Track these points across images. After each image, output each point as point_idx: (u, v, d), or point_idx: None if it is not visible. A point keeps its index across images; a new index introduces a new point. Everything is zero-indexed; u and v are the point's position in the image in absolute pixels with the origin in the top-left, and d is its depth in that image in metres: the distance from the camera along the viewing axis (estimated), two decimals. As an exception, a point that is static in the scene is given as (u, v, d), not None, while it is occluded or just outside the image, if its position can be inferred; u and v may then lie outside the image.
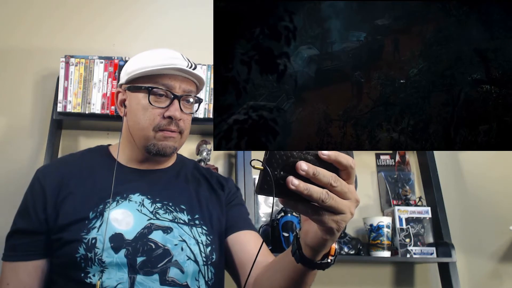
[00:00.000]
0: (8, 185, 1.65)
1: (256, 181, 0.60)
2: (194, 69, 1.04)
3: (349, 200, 0.61)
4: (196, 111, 1.11)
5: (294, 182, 0.57)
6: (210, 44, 1.02)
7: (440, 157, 1.95)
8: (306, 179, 0.58)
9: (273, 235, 1.63)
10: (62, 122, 1.71)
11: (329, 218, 0.60)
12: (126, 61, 1.67)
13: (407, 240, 1.72)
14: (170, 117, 1.01)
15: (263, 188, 0.58)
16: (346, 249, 1.70)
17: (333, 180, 0.59)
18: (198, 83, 1.09)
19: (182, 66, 1.02)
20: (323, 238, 0.64)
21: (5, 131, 1.75)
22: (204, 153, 1.71)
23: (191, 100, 1.06)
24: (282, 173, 0.58)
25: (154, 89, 1.02)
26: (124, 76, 1.08)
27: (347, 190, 0.60)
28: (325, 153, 0.59)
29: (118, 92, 1.10)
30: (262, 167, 0.58)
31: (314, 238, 0.66)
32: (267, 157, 0.58)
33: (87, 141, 1.78)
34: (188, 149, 1.78)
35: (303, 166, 0.57)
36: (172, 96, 1.02)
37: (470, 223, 1.93)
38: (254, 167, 0.58)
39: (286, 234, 1.60)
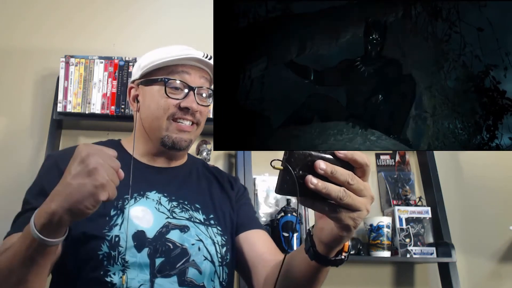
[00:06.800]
0: (8, 185, 1.65)
1: (256, 181, 0.60)
2: (209, 59, 1.04)
3: (365, 197, 0.62)
4: (211, 103, 1.10)
5: (313, 181, 0.59)
6: (210, 44, 1.02)
7: (440, 157, 1.95)
8: (324, 177, 0.59)
9: (273, 235, 1.63)
10: (62, 122, 1.71)
11: (346, 216, 0.62)
12: (126, 61, 1.67)
13: (407, 240, 1.72)
14: (186, 108, 1.01)
15: (283, 187, 0.59)
16: (346, 249, 1.70)
17: (350, 178, 0.60)
18: (212, 75, 1.09)
19: (199, 56, 1.02)
20: (339, 235, 0.65)
21: (5, 131, 1.75)
22: (204, 153, 1.71)
23: (204, 94, 1.06)
24: (300, 172, 0.59)
25: (170, 81, 1.01)
26: (137, 72, 1.07)
27: (363, 188, 0.62)
28: (341, 151, 0.61)
29: (130, 88, 1.10)
30: (282, 167, 0.59)
31: (330, 235, 0.66)
32: (286, 156, 0.59)
33: (87, 141, 1.77)
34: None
35: (322, 165, 0.59)
36: (188, 88, 1.02)
37: (470, 223, 1.93)
38: (274, 167, 0.59)
39: (286, 234, 1.60)
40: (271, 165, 0.59)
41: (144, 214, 0.95)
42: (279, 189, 0.60)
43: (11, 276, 0.74)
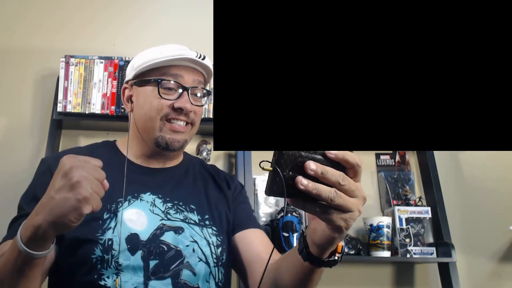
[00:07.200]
0: (7, 185, 1.65)
1: (256, 181, 0.60)
2: (203, 59, 1.04)
3: (356, 198, 0.61)
4: (206, 103, 1.10)
5: (303, 182, 0.58)
6: (210, 44, 1.02)
7: (440, 157, 1.95)
8: (314, 178, 0.58)
9: (273, 235, 1.63)
10: (62, 122, 1.71)
11: (337, 217, 0.61)
12: (126, 61, 1.67)
13: (407, 240, 1.72)
14: (180, 109, 1.01)
15: (273, 189, 0.58)
16: (346, 249, 1.70)
17: (341, 179, 0.59)
18: (206, 75, 1.09)
19: (192, 56, 1.02)
20: (331, 236, 0.64)
21: (5, 131, 1.75)
22: (204, 153, 1.72)
23: (199, 94, 1.06)
24: (290, 173, 0.58)
25: (164, 81, 1.01)
26: (130, 72, 1.07)
27: (355, 188, 0.61)
28: (332, 152, 0.60)
29: (124, 88, 1.10)
30: (271, 168, 0.58)
31: (322, 236, 0.66)
32: (275, 157, 0.58)
33: (87, 141, 1.77)
34: (188, 149, 1.77)
35: (312, 165, 0.58)
36: (182, 88, 1.02)
37: (470, 223, 1.93)
38: (263, 169, 0.58)
39: (286, 234, 1.60)
40: (260, 166, 0.58)
41: (138, 217, 0.95)
42: (269, 191, 0.59)
43: (2, 285, 0.74)
